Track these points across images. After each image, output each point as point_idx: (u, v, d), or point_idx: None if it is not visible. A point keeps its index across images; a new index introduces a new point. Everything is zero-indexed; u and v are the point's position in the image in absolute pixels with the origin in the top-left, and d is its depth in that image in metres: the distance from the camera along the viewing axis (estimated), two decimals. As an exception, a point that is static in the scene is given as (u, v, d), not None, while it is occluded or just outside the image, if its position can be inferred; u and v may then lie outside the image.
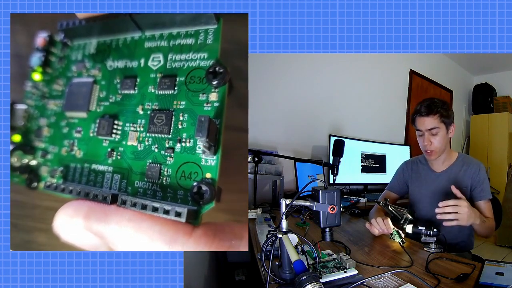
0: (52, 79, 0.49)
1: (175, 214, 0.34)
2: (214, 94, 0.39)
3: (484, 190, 0.90)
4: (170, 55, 0.42)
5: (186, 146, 0.39)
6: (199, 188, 0.35)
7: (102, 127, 0.42)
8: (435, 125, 0.88)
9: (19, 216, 0.61)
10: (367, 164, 1.79)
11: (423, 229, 0.77)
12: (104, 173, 0.42)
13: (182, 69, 0.41)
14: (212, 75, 0.38)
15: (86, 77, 0.46)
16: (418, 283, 0.55)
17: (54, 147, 0.46)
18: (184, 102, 0.40)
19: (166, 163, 0.39)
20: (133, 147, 0.41)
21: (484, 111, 2.58)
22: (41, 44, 0.48)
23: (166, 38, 0.42)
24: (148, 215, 0.35)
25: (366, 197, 1.48)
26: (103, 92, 0.45)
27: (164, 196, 0.38)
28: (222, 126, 0.37)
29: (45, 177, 0.46)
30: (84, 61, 0.47)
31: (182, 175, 0.38)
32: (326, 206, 0.53)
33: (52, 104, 0.48)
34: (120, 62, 0.45)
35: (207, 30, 0.41)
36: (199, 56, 0.40)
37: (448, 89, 2.64)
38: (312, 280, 0.41)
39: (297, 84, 1.58)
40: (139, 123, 0.42)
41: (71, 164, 0.44)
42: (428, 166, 0.99)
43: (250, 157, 1.08)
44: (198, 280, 1.01)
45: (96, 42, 0.47)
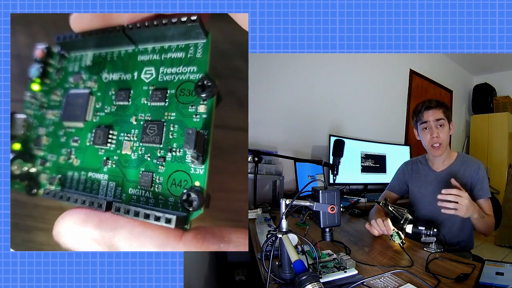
0: (50, 90, 0.51)
1: (166, 221, 0.36)
2: (203, 106, 0.41)
3: (483, 189, 0.90)
4: (161, 68, 0.44)
5: (177, 156, 0.41)
6: (188, 196, 0.37)
7: (98, 136, 0.44)
8: (441, 117, 0.91)
9: (19, 216, 0.62)
10: (367, 164, 1.79)
11: (423, 229, 0.77)
12: (100, 181, 0.44)
13: (173, 82, 0.43)
14: (201, 88, 0.40)
15: (83, 89, 0.48)
16: (418, 283, 0.55)
17: (52, 155, 0.48)
18: (175, 114, 0.42)
19: (158, 171, 0.41)
20: (127, 156, 0.43)
21: (484, 111, 2.58)
22: (39, 55, 0.50)
23: (158, 52, 0.44)
24: (140, 221, 0.37)
25: (366, 197, 1.47)
26: (99, 103, 0.47)
27: (156, 203, 0.40)
28: (210, 137, 0.39)
29: (44, 184, 0.48)
30: (80, 73, 0.49)
31: (172, 183, 0.40)
32: (326, 206, 0.53)
33: (51, 114, 0.50)
34: (114, 75, 0.47)
35: (196, 44, 0.43)
36: (188, 69, 0.42)
37: (448, 89, 2.63)
38: (312, 280, 0.41)
39: (297, 84, 1.58)
40: (132, 133, 0.44)
41: (68, 172, 0.46)
42: (428, 166, 1.00)
43: (250, 157, 1.08)
44: (198, 280, 1.01)
45: (92, 54, 0.49)
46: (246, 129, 0.65)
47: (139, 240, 0.36)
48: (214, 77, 0.40)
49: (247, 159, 0.76)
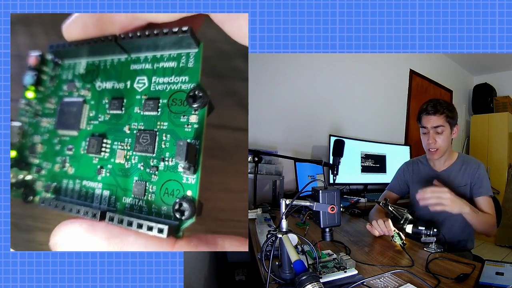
0: (44, 98, 0.51)
1: (158, 231, 0.37)
2: (194, 117, 0.41)
3: (483, 187, 0.91)
4: (153, 78, 0.44)
5: (169, 165, 0.41)
6: (180, 205, 0.38)
7: (92, 145, 0.45)
8: (440, 124, 0.91)
9: (20, 216, 0.62)
10: (367, 164, 1.79)
11: (423, 229, 0.77)
12: (94, 190, 0.44)
13: (165, 91, 0.43)
14: (192, 98, 0.40)
15: (77, 97, 0.48)
16: (418, 283, 0.55)
17: (47, 163, 0.48)
18: (167, 123, 0.42)
19: (151, 180, 0.42)
20: (120, 165, 0.43)
21: (484, 111, 2.58)
22: (33, 62, 0.50)
23: (150, 61, 0.45)
24: (133, 231, 0.38)
25: (366, 197, 1.48)
26: (93, 111, 0.47)
27: (150, 212, 0.41)
28: (201, 147, 0.40)
29: (40, 191, 0.48)
30: (74, 81, 0.49)
31: (165, 192, 0.41)
32: (326, 206, 0.53)
33: (45, 121, 0.50)
34: (108, 83, 0.47)
35: (188, 54, 0.43)
36: (180, 79, 0.43)
37: (448, 89, 2.64)
38: (312, 280, 0.41)
39: (297, 84, 1.58)
40: (126, 142, 0.44)
41: (63, 180, 0.46)
42: (429, 166, 1.00)
43: (250, 157, 1.08)
44: (198, 280, 1.01)
45: (85, 62, 0.49)
46: (246, 129, 0.65)
47: (133, 248, 0.38)
48: (214, 81, 0.41)
49: (247, 159, 0.76)
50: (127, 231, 0.38)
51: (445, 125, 0.91)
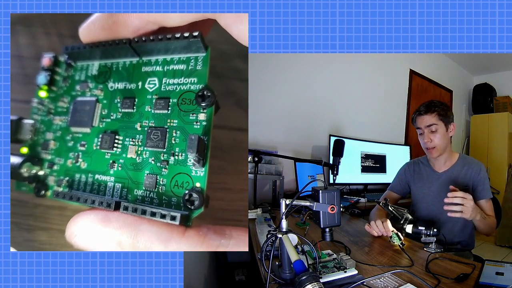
0: (57, 97, 0.53)
1: (171, 218, 0.39)
2: (203, 115, 0.43)
3: (485, 189, 0.91)
4: (164, 79, 0.47)
5: (179, 159, 0.43)
6: (190, 196, 0.40)
7: (104, 141, 0.47)
8: (433, 122, 0.91)
9: (21, 215, 0.62)
10: (367, 164, 1.79)
11: (423, 229, 0.77)
12: (106, 183, 0.46)
13: (175, 92, 0.46)
14: (201, 98, 0.42)
15: (89, 96, 0.50)
16: (418, 283, 0.55)
17: (60, 159, 0.50)
18: (177, 121, 0.45)
19: (162, 173, 0.44)
20: (132, 159, 0.46)
21: (484, 111, 2.58)
22: (47, 63, 0.52)
23: (161, 64, 0.47)
24: (146, 219, 0.40)
25: (366, 197, 1.48)
26: (105, 110, 0.49)
27: (160, 203, 0.43)
28: (209, 143, 0.42)
29: (52, 186, 0.49)
30: (87, 82, 0.51)
31: (175, 184, 0.43)
32: (326, 206, 0.53)
33: (58, 119, 0.52)
34: (120, 84, 0.49)
35: (197, 58, 0.45)
36: (189, 80, 0.45)
37: (448, 89, 2.64)
38: (312, 280, 0.41)
39: (297, 84, 1.58)
40: (137, 138, 0.46)
41: (76, 175, 0.48)
42: (430, 166, 1.00)
43: (250, 157, 1.08)
44: (198, 280, 1.01)
45: (98, 64, 0.51)
46: (246, 129, 0.65)
47: (146, 236, 0.39)
48: (214, 82, 0.44)
49: (247, 159, 0.76)
50: (140, 219, 0.40)
51: (438, 123, 0.91)
